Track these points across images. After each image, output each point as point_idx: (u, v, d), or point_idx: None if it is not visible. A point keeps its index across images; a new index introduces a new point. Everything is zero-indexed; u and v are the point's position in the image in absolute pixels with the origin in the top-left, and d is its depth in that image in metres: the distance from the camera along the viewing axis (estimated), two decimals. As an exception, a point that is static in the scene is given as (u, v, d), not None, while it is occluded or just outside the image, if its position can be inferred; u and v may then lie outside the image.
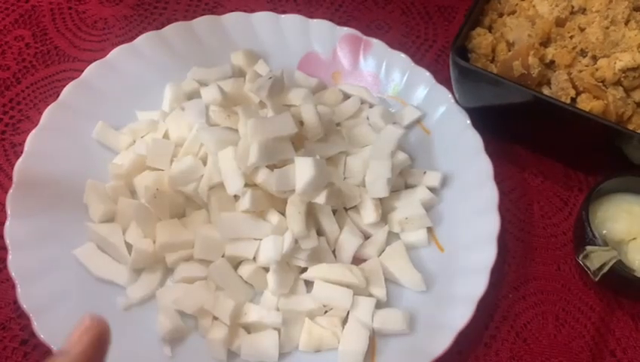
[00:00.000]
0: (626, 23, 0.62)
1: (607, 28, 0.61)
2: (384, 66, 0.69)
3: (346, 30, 0.69)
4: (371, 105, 0.67)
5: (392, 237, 0.60)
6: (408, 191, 0.62)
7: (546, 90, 0.61)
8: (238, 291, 0.55)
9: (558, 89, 0.60)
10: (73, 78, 0.64)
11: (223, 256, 0.56)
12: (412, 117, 0.66)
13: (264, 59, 0.69)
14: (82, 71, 0.64)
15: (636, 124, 0.60)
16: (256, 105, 0.63)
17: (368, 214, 0.58)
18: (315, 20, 0.70)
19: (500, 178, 0.62)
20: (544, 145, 0.67)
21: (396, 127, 0.62)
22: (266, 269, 0.56)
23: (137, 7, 0.76)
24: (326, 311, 0.55)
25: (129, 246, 0.56)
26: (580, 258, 0.54)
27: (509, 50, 0.62)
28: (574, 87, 0.60)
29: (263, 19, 0.70)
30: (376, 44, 0.69)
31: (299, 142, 0.59)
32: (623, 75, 0.59)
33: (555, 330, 0.58)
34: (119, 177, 0.59)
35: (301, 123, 0.59)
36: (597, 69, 0.60)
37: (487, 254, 0.57)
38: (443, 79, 0.67)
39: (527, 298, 0.60)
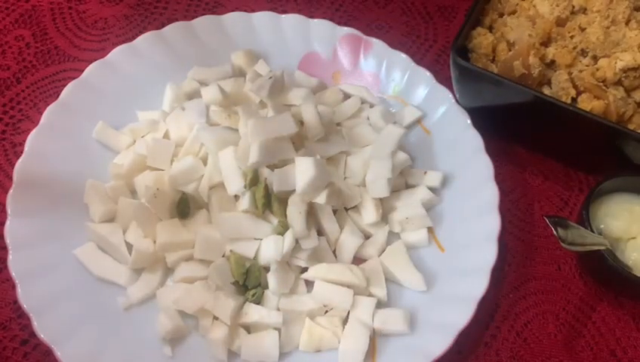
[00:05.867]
0: (627, 22, 0.62)
1: (608, 28, 0.61)
2: (384, 66, 0.69)
3: (346, 30, 0.69)
4: (372, 105, 0.67)
5: (392, 237, 0.60)
6: (409, 191, 0.62)
7: (546, 90, 0.61)
8: (238, 291, 0.55)
9: (559, 89, 0.60)
10: (73, 78, 0.64)
11: (223, 256, 0.56)
12: (412, 117, 0.66)
13: (264, 59, 0.69)
14: (82, 71, 0.64)
15: (637, 124, 0.60)
16: (256, 105, 0.63)
17: (369, 214, 0.59)
18: (315, 20, 0.70)
19: (500, 178, 0.62)
20: (545, 145, 0.67)
21: (396, 126, 0.62)
22: (267, 269, 0.56)
23: (137, 7, 0.76)
24: (326, 311, 0.55)
25: (129, 246, 0.56)
26: (551, 221, 0.53)
27: (510, 50, 0.62)
28: (575, 86, 0.60)
29: (263, 19, 0.70)
30: (377, 43, 0.69)
31: (299, 141, 0.59)
32: (624, 74, 0.59)
33: (556, 330, 0.58)
34: (119, 177, 0.59)
35: (301, 123, 0.59)
36: (597, 69, 0.60)
37: (488, 254, 0.57)
38: (443, 79, 0.67)
39: (528, 297, 0.60)
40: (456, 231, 0.60)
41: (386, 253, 0.58)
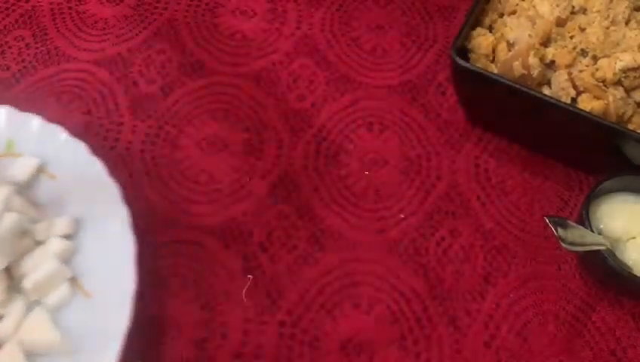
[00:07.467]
0: (627, 22, 0.62)
1: (608, 28, 0.61)
2: None
3: None
4: None
5: (34, 305, 0.53)
6: (40, 248, 0.55)
7: (546, 90, 0.61)
8: None
9: (559, 89, 0.60)
10: (73, 79, 0.63)
11: None
12: (30, 167, 0.58)
13: None
14: (82, 71, 0.64)
15: (637, 124, 0.60)
16: None
17: None
18: None
19: (500, 178, 0.63)
20: (544, 146, 0.67)
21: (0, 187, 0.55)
22: None
23: (138, 7, 0.76)
24: None
25: None
26: (551, 221, 0.54)
27: (510, 51, 0.62)
28: (575, 87, 0.60)
29: None
30: None
31: None
32: (624, 75, 0.59)
33: (556, 330, 0.58)
34: None
35: None
36: (597, 69, 0.60)
37: (124, 288, 0.52)
38: (443, 79, 0.67)
39: (528, 297, 0.60)
40: (99, 274, 0.54)
41: (24, 328, 0.52)
